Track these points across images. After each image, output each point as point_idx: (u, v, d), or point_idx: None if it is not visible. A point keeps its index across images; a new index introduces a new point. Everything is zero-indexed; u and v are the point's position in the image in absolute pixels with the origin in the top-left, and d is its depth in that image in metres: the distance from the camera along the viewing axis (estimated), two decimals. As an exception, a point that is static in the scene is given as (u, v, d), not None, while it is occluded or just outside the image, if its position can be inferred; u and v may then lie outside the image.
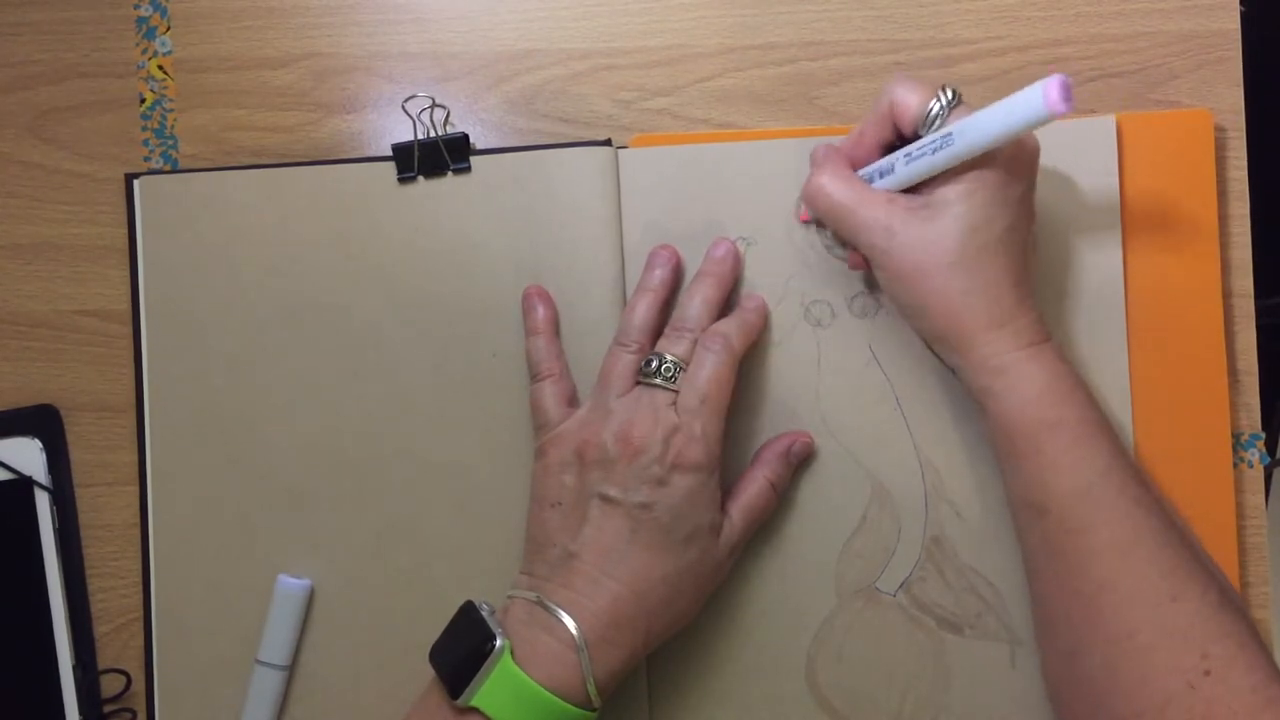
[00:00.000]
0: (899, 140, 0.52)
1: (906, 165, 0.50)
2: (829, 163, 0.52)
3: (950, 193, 0.49)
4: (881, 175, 0.52)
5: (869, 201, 0.50)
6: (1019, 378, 0.49)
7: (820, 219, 0.53)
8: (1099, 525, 0.48)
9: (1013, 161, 0.49)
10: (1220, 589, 0.47)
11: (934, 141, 0.48)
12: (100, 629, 0.59)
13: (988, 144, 0.47)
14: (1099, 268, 0.56)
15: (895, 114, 0.51)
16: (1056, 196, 0.56)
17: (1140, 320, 0.56)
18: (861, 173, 0.52)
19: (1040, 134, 0.56)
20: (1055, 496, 0.48)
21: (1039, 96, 0.44)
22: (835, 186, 0.51)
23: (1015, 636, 0.56)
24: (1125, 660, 0.47)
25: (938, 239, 0.49)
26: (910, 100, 0.50)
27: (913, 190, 0.50)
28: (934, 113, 0.49)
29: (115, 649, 0.59)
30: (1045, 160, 0.55)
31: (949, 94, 0.49)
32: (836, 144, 0.53)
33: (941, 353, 0.52)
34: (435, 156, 0.57)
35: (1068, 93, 0.44)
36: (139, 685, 0.58)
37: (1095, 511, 0.48)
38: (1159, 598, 0.47)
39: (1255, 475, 0.57)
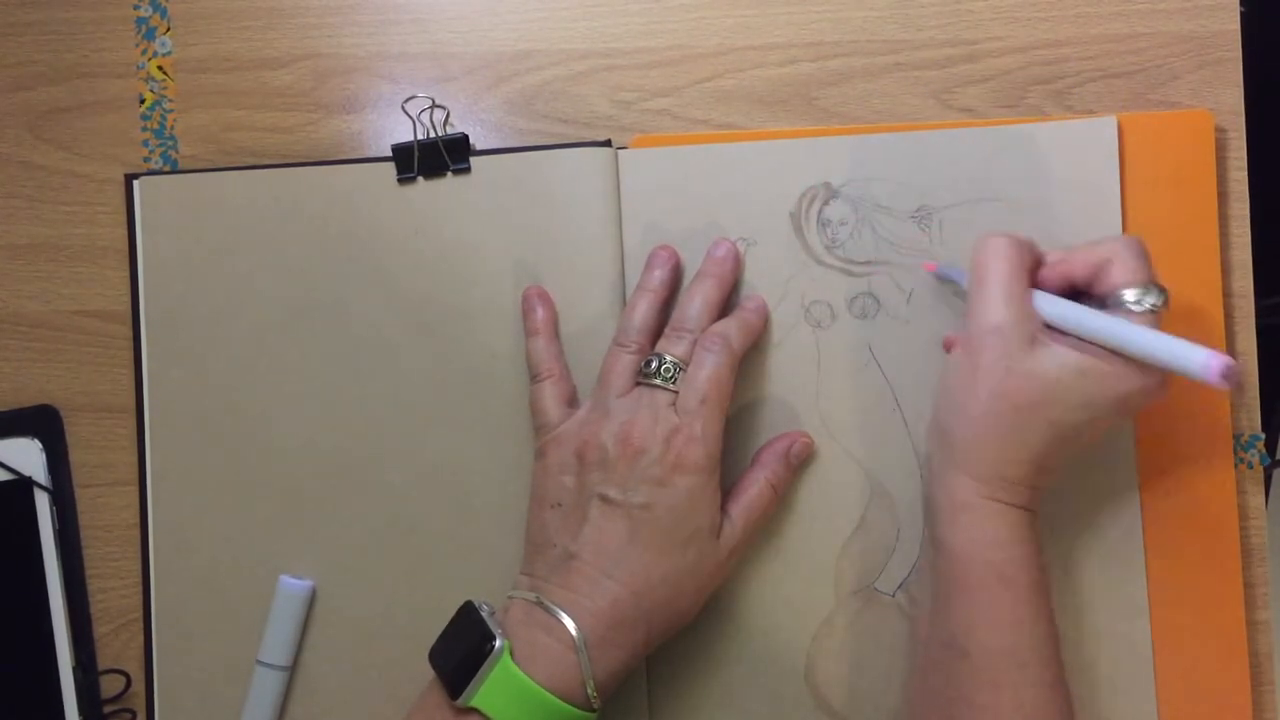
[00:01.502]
0: (1084, 286, 0.50)
1: (1060, 301, 0.49)
2: (1019, 243, 0.50)
3: (1073, 357, 0.48)
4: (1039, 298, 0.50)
5: (1013, 296, 0.49)
6: (987, 520, 0.49)
7: (976, 267, 0.50)
8: (1014, 686, 0.47)
9: (1141, 392, 0.48)
10: None
11: (1101, 312, 0.48)
12: (100, 629, 0.59)
13: (1128, 353, 0.47)
14: (1099, 268, 0.56)
15: (1101, 272, 0.49)
16: (1057, 197, 0.56)
17: (1140, 320, 0.56)
18: (1036, 293, 0.50)
19: (1042, 134, 0.56)
20: (982, 647, 0.48)
21: (1203, 364, 0.45)
22: (1007, 258, 0.49)
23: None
24: None
25: (1026, 377, 0.48)
26: (1127, 270, 0.48)
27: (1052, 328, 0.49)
28: (1131, 300, 0.48)
29: (115, 649, 0.59)
30: (1046, 160, 0.56)
31: (1152, 297, 0.48)
32: (1033, 245, 0.51)
33: (933, 446, 0.52)
34: (435, 157, 0.57)
35: (1230, 376, 0.44)
36: (139, 685, 0.58)
37: (1015, 672, 0.47)
38: None
39: (1255, 475, 0.57)
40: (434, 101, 0.58)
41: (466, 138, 0.57)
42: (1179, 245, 0.56)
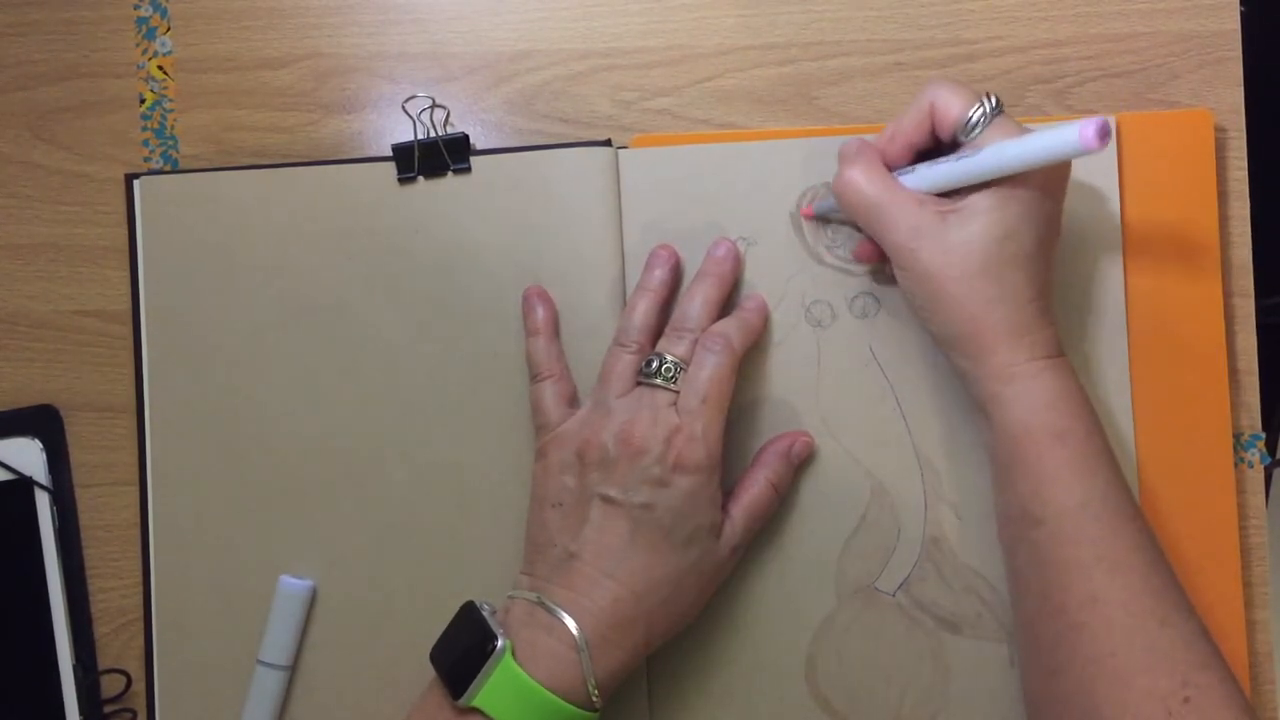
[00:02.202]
0: (932, 143, 0.51)
1: (931, 169, 0.50)
2: (862, 158, 0.52)
3: (983, 201, 0.48)
4: (902, 176, 0.51)
5: (901, 200, 0.50)
6: (1031, 387, 0.49)
7: (847, 213, 0.52)
8: (1093, 540, 0.47)
9: (1048, 179, 0.49)
10: (1199, 619, 0.47)
11: (964, 154, 0.48)
12: (100, 629, 0.59)
13: (1015, 169, 0.47)
14: (1099, 268, 0.56)
15: (935, 117, 0.50)
16: (1056, 196, 0.56)
17: (1141, 320, 0.56)
18: (900, 179, 0.52)
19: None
20: (1052, 507, 0.48)
21: (1074, 135, 0.44)
22: (867, 181, 0.51)
23: (1014, 636, 0.56)
24: (1104, 682, 0.46)
25: (967, 244, 0.48)
26: (952, 105, 0.49)
27: (943, 195, 0.50)
28: (974, 120, 0.49)
29: (115, 649, 0.59)
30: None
31: (992, 101, 0.49)
32: (869, 140, 0.53)
33: (952, 356, 0.52)
34: (435, 157, 0.57)
35: (1105, 132, 0.44)
36: (139, 685, 0.58)
37: (1091, 526, 0.47)
38: (1146, 619, 0.46)
39: (1256, 475, 0.57)
40: (434, 101, 0.58)
41: (467, 137, 0.57)
42: (1179, 245, 0.56)
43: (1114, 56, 0.58)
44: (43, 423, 0.59)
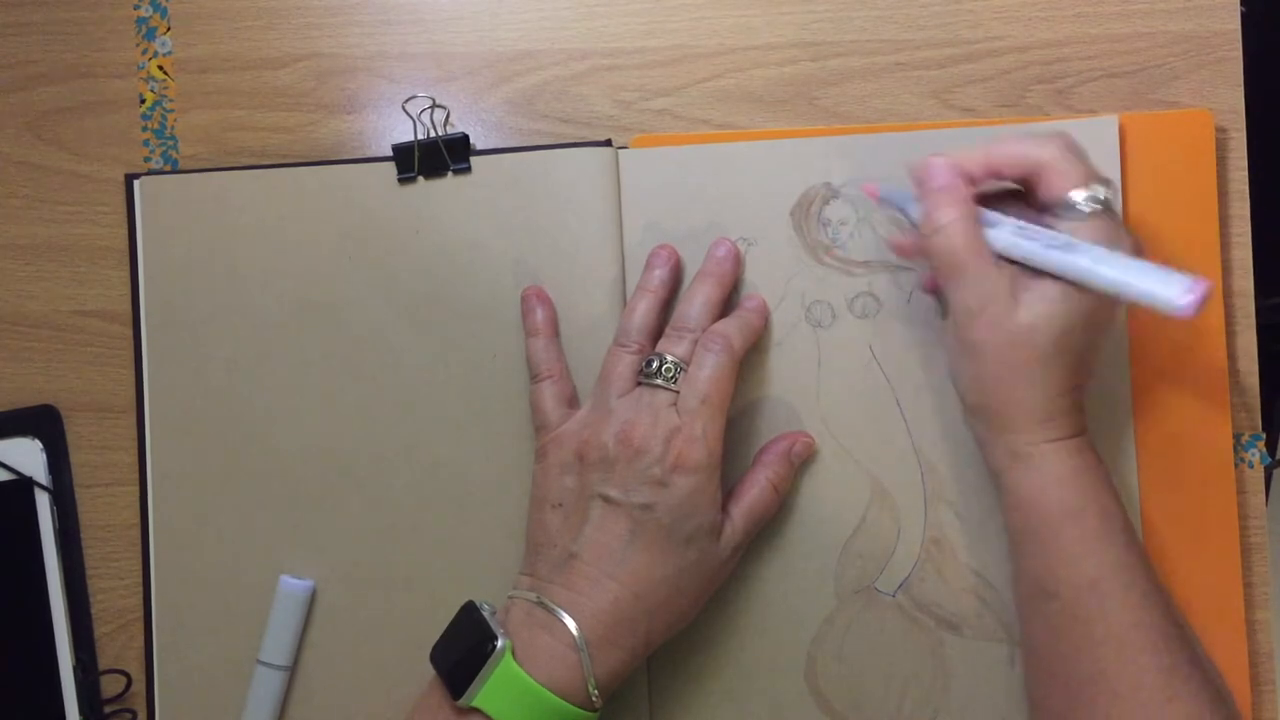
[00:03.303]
0: (1017, 186, 0.50)
1: (1019, 239, 0.48)
2: (960, 203, 0.49)
3: (1055, 290, 0.47)
4: (989, 225, 0.50)
5: (984, 265, 0.48)
6: (1045, 465, 0.49)
7: (927, 250, 0.50)
8: (1102, 617, 0.47)
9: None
10: (1215, 691, 0.47)
11: (1059, 241, 0.47)
12: (100, 629, 0.59)
13: (1099, 290, 0.47)
14: (1099, 268, 0.56)
15: (1041, 175, 0.49)
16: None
17: (1141, 320, 0.56)
18: (989, 231, 0.50)
19: (1041, 133, 0.56)
20: (1066, 584, 0.48)
21: (1177, 294, 0.44)
22: (963, 234, 0.48)
23: (1014, 637, 0.56)
24: None
25: (1028, 329, 0.48)
26: (1067, 178, 0.48)
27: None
28: (1079, 203, 0.48)
29: (115, 649, 0.59)
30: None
31: (1101, 195, 0.48)
32: (957, 160, 0.50)
33: (972, 420, 0.52)
34: (435, 157, 0.57)
35: (1201, 304, 0.44)
36: (139, 685, 0.58)
37: (1101, 603, 0.47)
38: (1154, 696, 0.46)
39: (1256, 475, 0.57)
40: (434, 101, 0.58)
41: (467, 137, 0.57)
42: (1179, 245, 0.56)
43: (1114, 56, 0.58)
44: (43, 423, 0.59)
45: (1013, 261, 0.49)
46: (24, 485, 0.58)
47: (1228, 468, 0.56)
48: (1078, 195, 0.48)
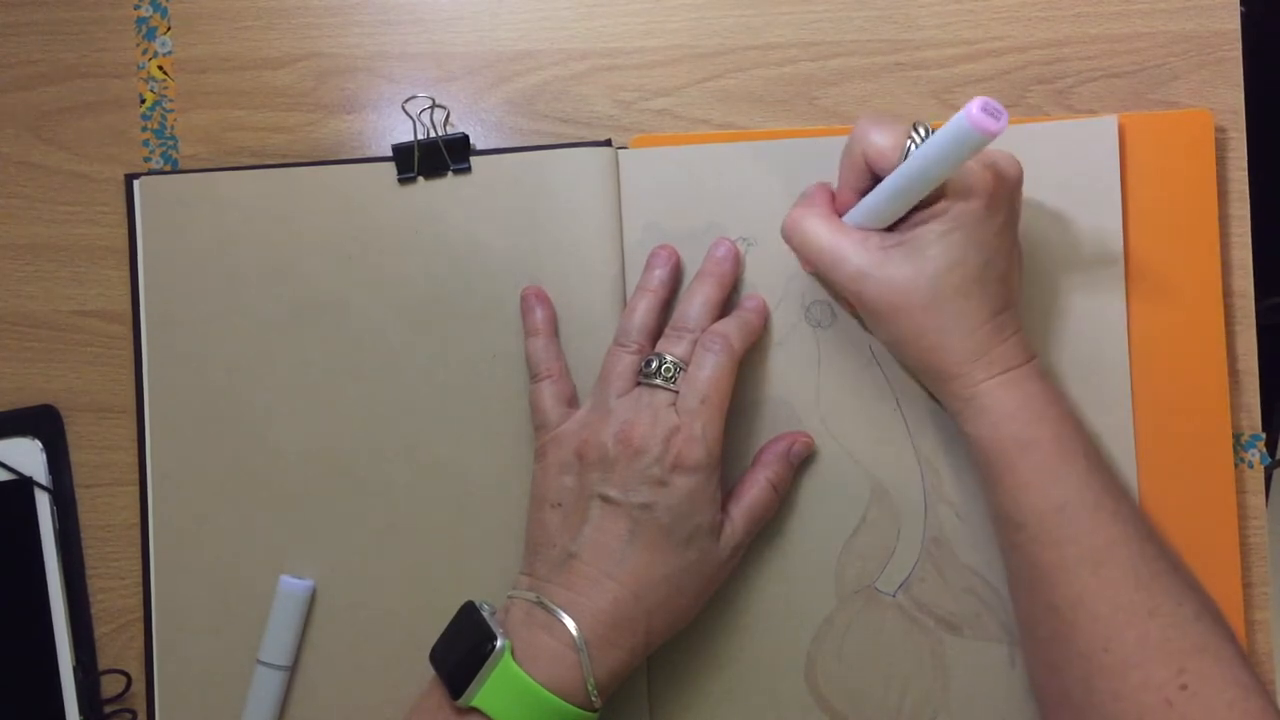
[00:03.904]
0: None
1: (865, 199, 0.50)
2: (809, 200, 0.53)
3: (927, 233, 0.48)
4: (849, 215, 0.52)
5: (843, 241, 0.50)
6: (989, 403, 0.49)
7: (800, 258, 0.53)
8: (1073, 540, 0.48)
9: (991, 196, 0.48)
10: (1198, 601, 0.47)
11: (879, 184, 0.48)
12: (100, 629, 0.59)
13: (936, 172, 0.46)
14: (1100, 267, 0.56)
15: (870, 161, 0.49)
16: (1058, 197, 0.56)
17: (1141, 320, 0.56)
18: (844, 220, 0.52)
19: (1042, 134, 0.56)
20: (1030, 513, 0.48)
21: (965, 126, 0.43)
22: (810, 223, 0.51)
23: (1014, 637, 0.56)
24: (1101, 676, 0.46)
25: (912, 280, 0.49)
26: (883, 145, 0.49)
27: (892, 229, 0.50)
28: (910, 152, 0.48)
29: (115, 649, 0.59)
30: (1046, 159, 0.55)
31: (922, 131, 0.48)
32: (826, 184, 0.53)
33: (923, 382, 0.53)
34: (435, 157, 0.57)
35: (992, 110, 0.43)
36: (139, 685, 0.58)
37: (1069, 526, 0.48)
38: (1134, 612, 0.46)
39: (1256, 475, 0.57)
40: (434, 101, 0.58)
41: (467, 137, 0.57)
42: (1179, 245, 0.56)
43: (1114, 56, 0.58)
44: (43, 423, 0.59)
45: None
46: (24, 485, 0.58)
47: (1228, 468, 0.56)
48: (908, 146, 0.48)
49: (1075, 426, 0.50)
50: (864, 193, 0.51)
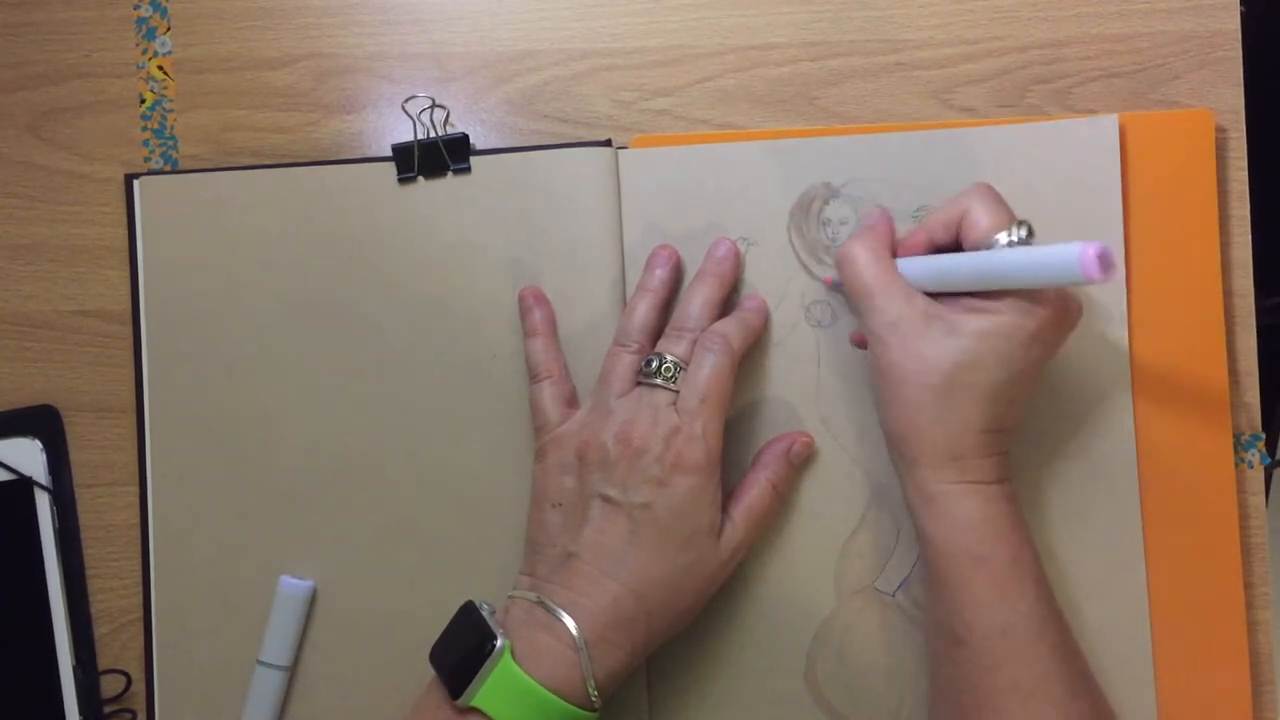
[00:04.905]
0: (956, 247, 0.50)
1: (929, 257, 0.49)
2: (871, 235, 0.51)
3: (971, 323, 0.47)
4: (905, 262, 0.51)
5: (892, 290, 0.49)
6: (950, 508, 0.48)
7: (844, 284, 0.52)
8: (1009, 665, 0.47)
9: (1049, 327, 0.47)
10: None
11: (956, 254, 0.48)
12: (100, 629, 0.59)
13: (1005, 280, 0.46)
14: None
15: (964, 226, 0.49)
16: (1058, 196, 0.56)
17: (1141, 320, 0.56)
18: (900, 262, 0.51)
19: (1042, 134, 0.56)
20: (975, 630, 0.48)
21: (1074, 260, 0.42)
22: (866, 260, 0.50)
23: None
24: None
25: (934, 359, 0.47)
26: (981, 219, 0.48)
27: (937, 295, 0.49)
28: (1000, 244, 0.47)
29: (115, 649, 0.59)
30: (1046, 159, 0.56)
31: (1022, 231, 0.47)
32: (889, 215, 0.53)
33: (892, 458, 0.51)
34: (435, 157, 0.57)
35: (1107, 263, 0.42)
36: (139, 685, 0.58)
37: (1008, 651, 0.47)
38: None
39: (1256, 475, 0.57)
40: (434, 101, 0.58)
41: (467, 137, 0.57)
42: (1179, 245, 0.56)
43: (1114, 56, 0.58)
44: (43, 423, 0.59)
45: (935, 298, 0.49)
46: (24, 485, 0.58)
47: (1228, 468, 0.56)
48: (1000, 237, 0.48)
49: (1033, 554, 0.49)
50: (939, 247, 0.50)
